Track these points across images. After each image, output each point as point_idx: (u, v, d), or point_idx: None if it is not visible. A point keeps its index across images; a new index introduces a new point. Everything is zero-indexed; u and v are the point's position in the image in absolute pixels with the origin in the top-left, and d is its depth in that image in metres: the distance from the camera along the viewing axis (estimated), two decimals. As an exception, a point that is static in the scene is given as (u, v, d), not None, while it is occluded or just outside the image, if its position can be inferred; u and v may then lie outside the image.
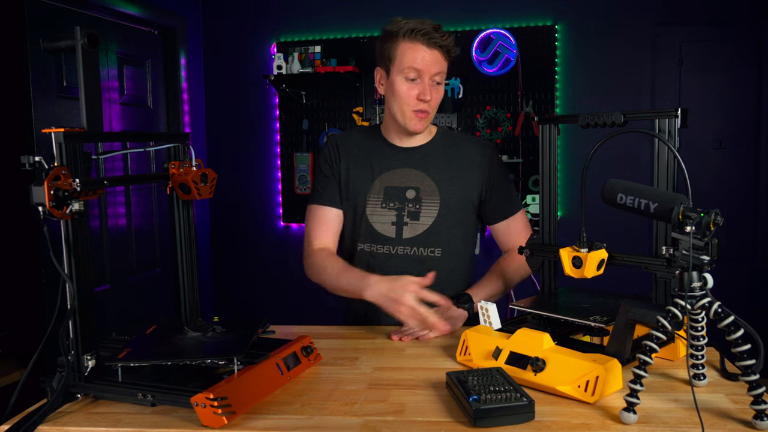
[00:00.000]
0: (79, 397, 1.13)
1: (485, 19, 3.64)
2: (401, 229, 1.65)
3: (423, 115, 1.61)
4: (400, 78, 1.59)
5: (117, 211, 3.20)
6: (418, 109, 1.60)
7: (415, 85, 1.59)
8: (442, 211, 1.66)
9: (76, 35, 1.09)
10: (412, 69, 1.57)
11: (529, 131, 3.61)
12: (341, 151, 1.73)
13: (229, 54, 3.95)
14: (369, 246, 1.68)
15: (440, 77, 1.61)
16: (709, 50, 3.48)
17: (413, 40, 1.57)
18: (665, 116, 1.16)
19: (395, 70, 1.60)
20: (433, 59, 1.57)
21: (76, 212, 1.06)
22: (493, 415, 0.97)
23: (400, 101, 1.61)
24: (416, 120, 1.61)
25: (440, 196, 1.66)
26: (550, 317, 1.29)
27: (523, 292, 3.68)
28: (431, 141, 1.72)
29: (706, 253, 0.97)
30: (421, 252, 1.66)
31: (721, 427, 0.96)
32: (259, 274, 4.00)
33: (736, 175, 3.52)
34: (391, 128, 1.71)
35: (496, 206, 1.72)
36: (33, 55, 2.54)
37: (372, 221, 1.67)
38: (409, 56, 1.57)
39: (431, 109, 1.62)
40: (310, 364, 1.28)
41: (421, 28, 1.56)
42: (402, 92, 1.60)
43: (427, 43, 1.56)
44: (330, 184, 1.73)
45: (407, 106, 1.60)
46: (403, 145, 1.71)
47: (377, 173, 1.69)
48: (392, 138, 1.72)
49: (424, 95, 1.58)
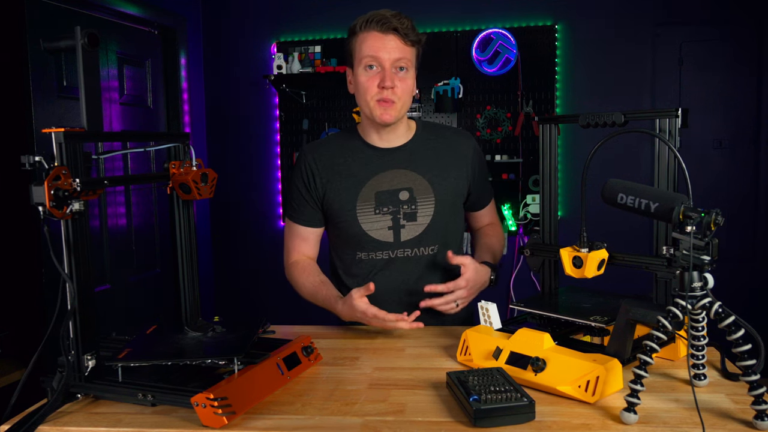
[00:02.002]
0: (79, 397, 1.12)
1: (485, 19, 3.65)
2: (399, 232, 1.63)
3: (387, 104, 1.55)
4: (360, 69, 1.56)
5: (117, 211, 3.20)
6: (381, 98, 1.55)
7: (376, 73, 1.55)
8: (438, 207, 1.65)
9: (76, 35, 1.09)
10: (369, 56, 1.54)
11: (529, 131, 3.61)
12: (318, 167, 1.66)
13: (229, 54, 3.95)
14: (367, 254, 1.65)
15: (404, 63, 1.55)
16: (709, 50, 3.48)
17: (368, 29, 1.55)
18: (665, 116, 1.16)
19: (356, 63, 1.57)
20: (391, 45, 1.53)
21: (77, 212, 1.06)
22: (493, 415, 0.97)
23: (362, 92, 1.57)
24: (381, 110, 1.56)
25: (434, 193, 1.64)
26: (550, 317, 1.29)
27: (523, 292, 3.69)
28: (414, 138, 1.69)
29: (706, 253, 0.97)
30: (421, 251, 1.65)
31: (722, 427, 0.96)
32: (260, 273, 4.00)
33: (736, 175, 3.52)
34: (368, 128, 1.67)
35: (480, 195, 1.77)
36: (33, 55, 2.53)
37: (367, 230, 1.63)
38: (366, 45, 1.54)
39: (397, 98, 1.56)
40: (310, 364, 1.28)
41: (374, 17, 1.54)
42: (363, 83, 1.56)
43: (381, 29, 1.53)
44: (304, 204, 1.67)
45: (369, 95, 1.56)
46: (385, 145, 1.67)
47: (364, 180, 1.64)
48: (372, 139, 1.67)
49: (384, 82, 1.53)
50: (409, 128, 1.70)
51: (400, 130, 1.67)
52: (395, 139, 1.67)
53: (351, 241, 1.66)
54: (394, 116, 1.58)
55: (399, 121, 1.64)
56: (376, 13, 1.55)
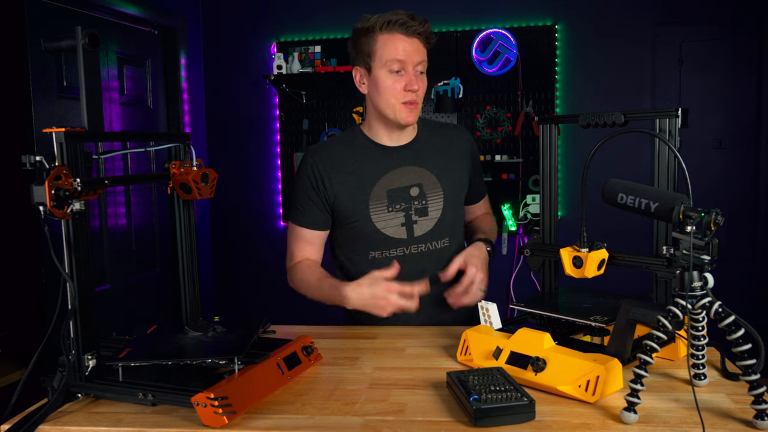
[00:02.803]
0: (79, 396, 1.13)
1: (485, 19, 3.65)
2: (412, 228, 1.64)
3: (413, 106, 1.59)
4: (384, 72, 1.57)
5: (117, 211, 3.20)
6: (406, 101, 1.58)
7: (401, 76, 1.57)
8: (447, 201, 1.68)
9: (76, 35, 1.09)
10: (395, 61, 1.55)
11: (529, 131, 3.61)
12: (325, 168, 1.64)
13: (229, 54, 3.95)
14: (381, 253, 1.65)
15: (423, 66, 1.59)
16: (709, 50, 3.48)
17: (391, 31, 1.55)
18: (665, 116, 1.16)
19: (377, 65, 1.57)
20: (414, 48, 1.56)
21: (77, 212, 1.06)
22: (493, 414, 0.97)
23: (387, 95, 1.58)
24: (407, 112, 1.59)
25: (442, 188, 1.68)
26: (550, 317, 1.29)
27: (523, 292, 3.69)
28: (418, 135, 1.72)
29: (706, 252, 0.97)
30: (434, 245, 1.67)
31: (722, 426, 0.96)
32: (260, 273, 4.00)
33: (736, 175, 3.52)
34: (379, 127, 1.67)
35: (477, 189, 1.83)
36: (33, 55, 2.53)
37: (381, 228, 1.63)
38: (390, 48, 1.55)
39: (419, 99, 1.60)
40: (310, 363, 1.28)
41: (397, 19, 1.54)
42: (388, 86, 1.57)
43: (406, 33, 1.55)
44: (312, 207, 1.66)
45: (395, 99, 1.57)
46: (393, 144, 1.68)
47: (374, 178, 1.64)
48: (381, 138, 1.68)
49: (411, 85, 1.56)
50: (414, 127, 1.73)
51: (408, 129, 1.70)
52: (403, 138, 1.69)
53: (364, 241, 1.66)
54: (416, 116, 1.63)
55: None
56: (396, 14, 1.55)
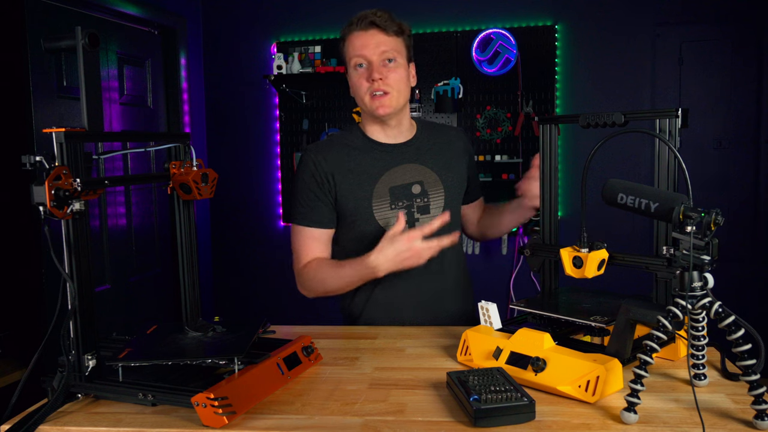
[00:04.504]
0: (79, 396, 1.13)
1: (485, 19, 3.65)
2: (413, 225, 1.64)
3: (383, 97, 1.58)
4: (351, 70, 1.62)
5: (117, 211, 3.20)
6: (372, 92, 1.58)
7: (365, 70, 1.60)
8: (447, 199, 1.69)
9: (76, 35, 1.09)
10: (355, 56, 1.60)
11: (529, 131, 3.61)
12: (328, 165, 1.64)
13: (229, 54, 3.95)
14: None
15: (391, 54, 1.58)
16: (709, 50, 3.48)
17: (351, 31, 1.61)
18: (665, 116, 1.16)
19: (348, 66, 1.63)
20: (373, 39, 1.58)
21: (77, 212, 1.06)
22: (493, 414, 0.97)
23: (356, 91, 1.63)
24: (376, 103, 1.58)
25: (443, 185, 1.69)
26: (550, 317, 1.29)
27: (523, 292, 3.69)
28: (417, 135, 1.73)
29: (706, 252, 0.97)
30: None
31: (722, 427, 0.96)
32: (260, 273, 4.00)
33: (736, 175, 3.52)
34: (372, 125, 1.68)
35: (475, 186, 1.85)
36: (33, 55, 2.54)
37: (384, 225, 1.63)
38: (350, 46, 1.61)
39: (390, 88, 1.58)
40: (310, 364, 1.28)
41: (355, 18, 1.61)
42: (355, 82, 1.61)
43: (363, 27, 1.59)
44: (318, 205, 1.65)
45: (363, 92, 1.60)
46: (391, 141, 1.68)
47: (376, 176, 1.65)
48: (378, 136, 1.68)
49: (372, 74, 1.57)
50: (413, 126, 1.74)
51: (404, 126, 1.70)
52: (401, 135, 1.70)
53: (367, 239, 1.64)
54: (389, 107, 1.60)
55: (401, 114, 1.66)
56: (359, 16, 1.61)
